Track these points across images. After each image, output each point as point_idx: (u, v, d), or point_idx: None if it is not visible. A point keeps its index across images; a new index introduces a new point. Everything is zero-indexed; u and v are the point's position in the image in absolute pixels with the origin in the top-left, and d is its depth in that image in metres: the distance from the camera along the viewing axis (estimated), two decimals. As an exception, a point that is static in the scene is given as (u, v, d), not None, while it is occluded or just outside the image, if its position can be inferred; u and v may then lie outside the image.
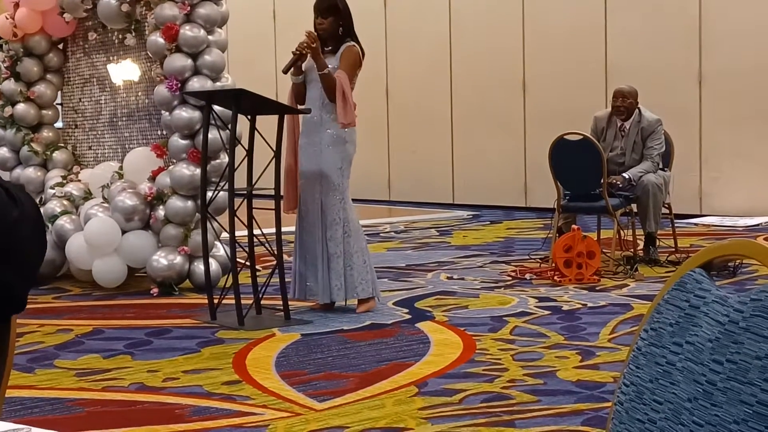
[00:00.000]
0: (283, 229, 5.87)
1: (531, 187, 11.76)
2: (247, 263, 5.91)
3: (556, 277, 6.87)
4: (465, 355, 4.94)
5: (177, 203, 6.71)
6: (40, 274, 7.16)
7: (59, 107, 8.05)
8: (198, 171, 6.37)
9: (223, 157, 6.51)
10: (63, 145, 7.86)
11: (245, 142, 5.75)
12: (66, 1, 7.34)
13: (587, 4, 11.17)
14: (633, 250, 7.59)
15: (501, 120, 11.98)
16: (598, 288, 6.64)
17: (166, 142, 6.83)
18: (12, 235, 1.30)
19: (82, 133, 7.82)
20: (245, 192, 5.75)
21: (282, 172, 6.01)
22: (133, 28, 7.08)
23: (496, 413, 3.97)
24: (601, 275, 6.94)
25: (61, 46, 7.83)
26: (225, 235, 6.21)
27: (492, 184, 12.10)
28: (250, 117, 5.78)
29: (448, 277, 7.24)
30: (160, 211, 6.76)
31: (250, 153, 5.78)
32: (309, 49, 5.82)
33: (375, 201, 12.83)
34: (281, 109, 5.93)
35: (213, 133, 6.23)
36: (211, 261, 6.27)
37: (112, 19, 7.12)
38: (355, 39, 6.02)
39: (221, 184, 6.03)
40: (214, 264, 6.53)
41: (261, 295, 5.91)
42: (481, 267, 7.68)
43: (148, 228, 6.82)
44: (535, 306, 6.10)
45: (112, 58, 7.44)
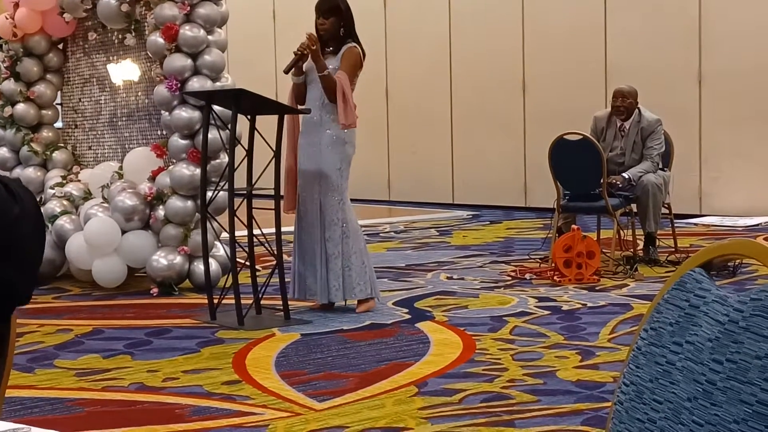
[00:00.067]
0: (283, 229, 5.87)
1: (531, 187, 11.76)
2: (247, 263, 5.91)
3: (555, 277, 6.87)
4: (465, 355, 4.94)
5: (177, 203, 6.71)
6: (40, 273, 7.19)
7: (59, 107, 8.05)
8: (198, 171, 6.37)
9: (223, 157, 6.51)
10: (63, 145, 7.85)
11: (245, 142, 5.75)
12: (66, 1, 7.33)
13: (587, 5, 11.17)
14: (633, 250, 7.59)
15: (501, 120, 11.97)
16: (597, 288, 6.64)
17: (166, 142, 6.83)
18: (13, 232, 1.30)
19: (82, 133, 7.82)
20: (245, 192, 5.75)
21: (282, 172, 6.02)
22: (132, 28, 7.08)
23: (495, 413, 3.97)
24: (600, 275, 6.94)
25: (60, 46, 7.83)
26: (225, 235, 6.21)
27: (492, 184, 12.10)
28: (249, 117, 5.78)
29: (448, 277, 7.24)
30: (160, 211, 6.76)
31: (249, 153, 5.78)
32: (309, 50, 5.82)
33: (375, 201, 12.82)
34: (281, 109, 5.93)
35: (213, 133, 6.23)
36: (210, 261, 6.27)
37: (112, 19, 7.12)
38: (356, 40, 6.02)
39: (221, 184, 6.03)
40: (213, 264, 6.53)
41: (261, 295, 5.91)
42: (480, 267, 7.67)
43: (147, 228, 6.82)
44: (534, 306, 6.10)
45: (111, 58, 7.44)
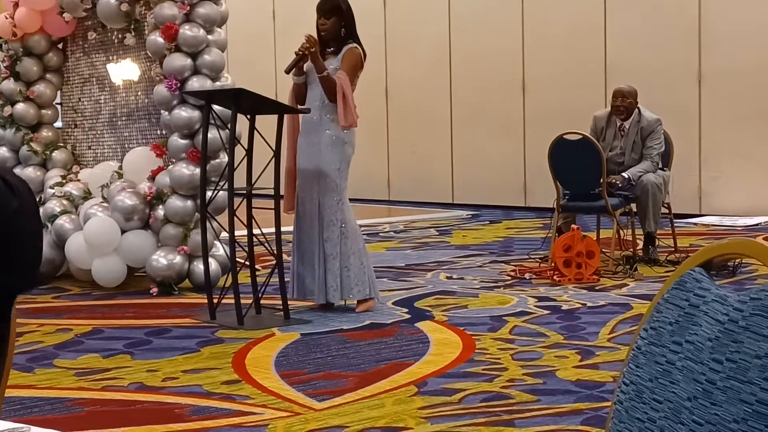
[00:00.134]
0: (282, 228, 5.87)
1: (530, 186, 11.76)
2: (247, 263, 5.91)
3: (555, 277, 6.87)
4: (464, 354, 4.94)
5: (176, 203, 6.71)
6: (40, 273, 7.19)
7: (59, 107, 8.05)
8: (197, 170, 6.37)
9: (223, 157, 6.51)
10: (62, 144, 7.85)
11: (245, 141, 5.75)
12: (65, 1, 7.33)
13: (587, 4, 11.17)
14: (632, 250, 7.59)
15: (500, 120, 11.97)
16: (597, 287, 6.64)
17: (166, 142, 6.83)
18: (12, 226, 1.29)
19: (82, 132, 7.82)
20: (245, 192, 5.75)
21: (282, 172, 6.01)
22: (132, 27, 7.08)
23: (495, 413, 3.97)
24: (600, 275, 6.94)
25: (60, 46, 7.82)
26: (224, 234, 6.21)
27: (491, 184, 12.10)
28: (249, 117, 5.78)
29: (448, 277, 7.24)
30: (160, 211, 6.75)
31: (249, 153, 5.78)
32: (307, 52, 5.82)
33: (374, 201, 12.82)
34: (281, 109, 5.93)
35: (212, 133, 6.23)
36: (210, 261, 6.27)
37: (112, 18, 7.12)
38: (357, 41, 6.02)
39: (221, 183, 6.03)
40: (213, 264, 6.53)
41: (260, 295, 5.91)
42: (480, 267, 7.67)
43: (147, 227, 6.82)
44: (534, 305, 6.10)
45: (111, 58, 7.44)
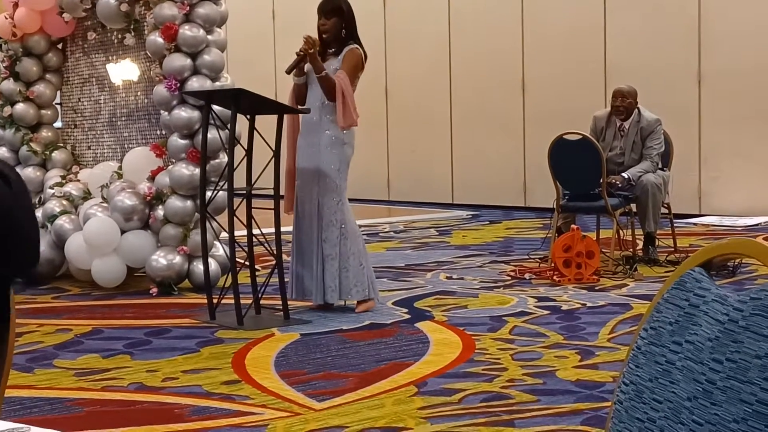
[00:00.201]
0: (282, 229, 5.87)
1: (530, 186, 11.76)
2: (247, 263, 5.91)
3: (555, 277, 6.87)
4: (464, 354, 4.94)
5: (176, 203, 6.71)
6: (39, 273, 7.19)
7: (58, 107, 8.05)
8: (197, 171, 6.37)
9: (223, 157, 6.51)
10: (62, 144, 7.85)
11: (244, 141, 5.75)
12: (65, 1, 7.33)
13: (586, 4, 11.17)
14: (632, 250, 7.59)
15: (500, 120, 11.97)
16: (597, 288, 6.64)
17: (166, 142, 6.83)
18: (9, 220, 1.28)
19: (82, 132, 7.82)
20: (244, 192, 5.75)
21: (282, 173, 6.01)
22: (132, 27, 7.08)
23: (495, 413, 3.96)
24: (600, 275, 6.94)
25: (60, 46, 7.82)
26: (224, 234, 6.21)
27: (491, 184, 12.10)
28: (249, 117, 5.78)
29: (448, 277, 7.24)
30: (160, 211, 6.75)
31: (249, 153, 5.78)
32: (306, 54, 5.81)
33: (374, 201, 12.82)
34: (280, 109, 5.93)
35: (212, 133, 6.23)
36: (210, 261, 6.27)
37: (112, 18, 7.12)
38: (358, 42, 6.01)
39: (220, 183, 6.03)
40: (213, 264, 6.53)
41: (260, 295, 5.91)
42: (480, 267, 7.67)
43: (147, 228, 6.82)
44: (534, 306, 6.10)
45: (111, 58, 7.44)
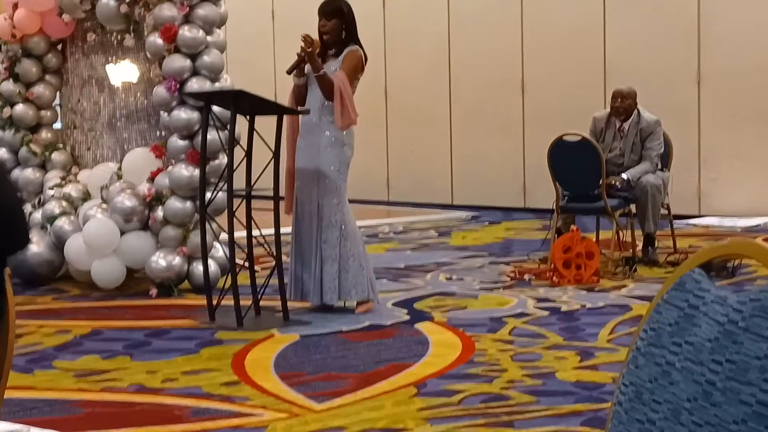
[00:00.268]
0: (282, 230, 5.87)
1: (530, 187, 11.75)
2: (246, 264, 5.91)
3: (555, 278, 6.87)
4: (464, 355, 4.94)
5: (176, 204, 6.70)
6: (39, 274, 7.19)
7: (58, 108, 8.04)
8: (197, 172, 6.37)
9: (222, 158, 6.51)
10: (62, 146, 7.84)
11: (244, 142, 5.75)
12: (65, 2, 7.33)
13: (586, 5, 11.17)
14: (632, 251, 7.59)
15: (500, 120, 11.97)
16: (597, 289, 6.64)
17: (165, 143, 6.83)
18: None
19: (81, 134, 7.81)
20: (244, 193, 5.75)
21: (282, 174, 6.01)
22: (131, 29, 7.08)
23: (495, 414, 3.97)
24: (600, 276, 6.94)
25: (59, 47, 7.81)
26: (224, 235, 6.21)
27: (491, 185, 12.09)
28: (249, 118, 5.78)
29: (447, 278, 7.24)
30: (159, 212, 6.75)
31: (248, 154, 5.78)
32: (305, 52, 5.81)
33: (374, 202, 12.81)
34: (280, 110, 5.93)
35: (212, 134, 6.22)
36: (210, 262, 6.27)
37: (111, 20, 7.12)
38: (358, 43, 6.01)
39: (220, 184, 6.03)
40: (212, 265, 6.53)
41: (260, 296, 5.91)
42: (480, 268, 7.67)
43: (147, 229, 6.82)
44: (534, 307, 6.10)
45: (110, 59, 7.43)
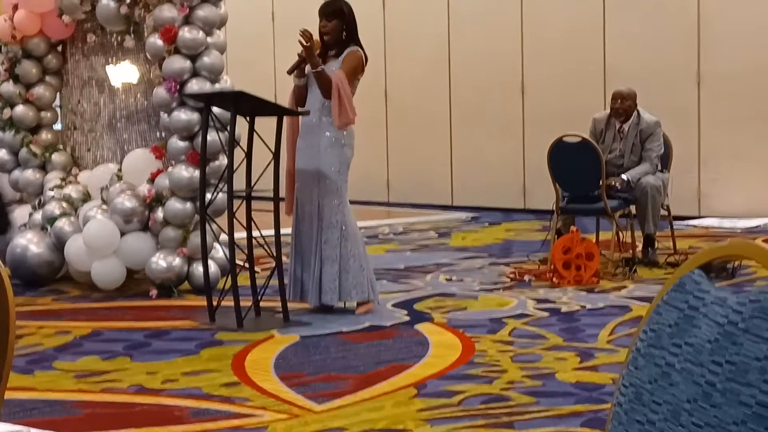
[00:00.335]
0: (282, 230, 5.87)
1: (530, 188, 11.75)
2: (246, 265, 5.91)
3: (554, 279, 6.87)
4: (464, 356, 4.94)
5: (176, 205, 6.71)
6: (39, 275, 7.18)
7: (58, 109, 8.04)
8: (197, 173, 6.37)
9: (222, 159, 6.51)
10: (62, 147, 7.84)
11: (244, 143, 5.75)
12: (65, 3, 7.33)
13: (586, 6, 11.17)
14: (632, 252, 7.59)
15: (500, 121, 11.97)
16: (596, 290, 6.64)
17: (165, 144, 6.83)
18: None
19: (81, 135, 7.81)
20: (244, 194, 5.75)
21: (282, 174, 6.01)
22: (131, 30, 7.08)
23: (495, 415, 3.97)
24: (599, 277, 6.94)
25: (60, 48, 7.82)
26: (224, 236, 6.21)
27: (491, 186, 12.09)
28: (249, 119, 5.78)
29: (447, 279, 7.24)
30: (159, 213, 6.75)
31: (249, 155, 5.78)
32: (302, 47, 5.80)
33: (374, 203, 12.81)
34: (280, 111, 5.93)
35: (212, 135, 6.22)
36: (210, 263, 6.27)
37: (111, 21, 7.12)
38: (359, 44, 6.01)
39: (220, 185, 6.03)
40: (213, 266, 6.53)
41: (260, 297, 5.91)
42: (480, 269, 7.67)
43: (147, 230, 6.82)
44: (533, 308, 6.10)
45: (111, 60, 7.43)
